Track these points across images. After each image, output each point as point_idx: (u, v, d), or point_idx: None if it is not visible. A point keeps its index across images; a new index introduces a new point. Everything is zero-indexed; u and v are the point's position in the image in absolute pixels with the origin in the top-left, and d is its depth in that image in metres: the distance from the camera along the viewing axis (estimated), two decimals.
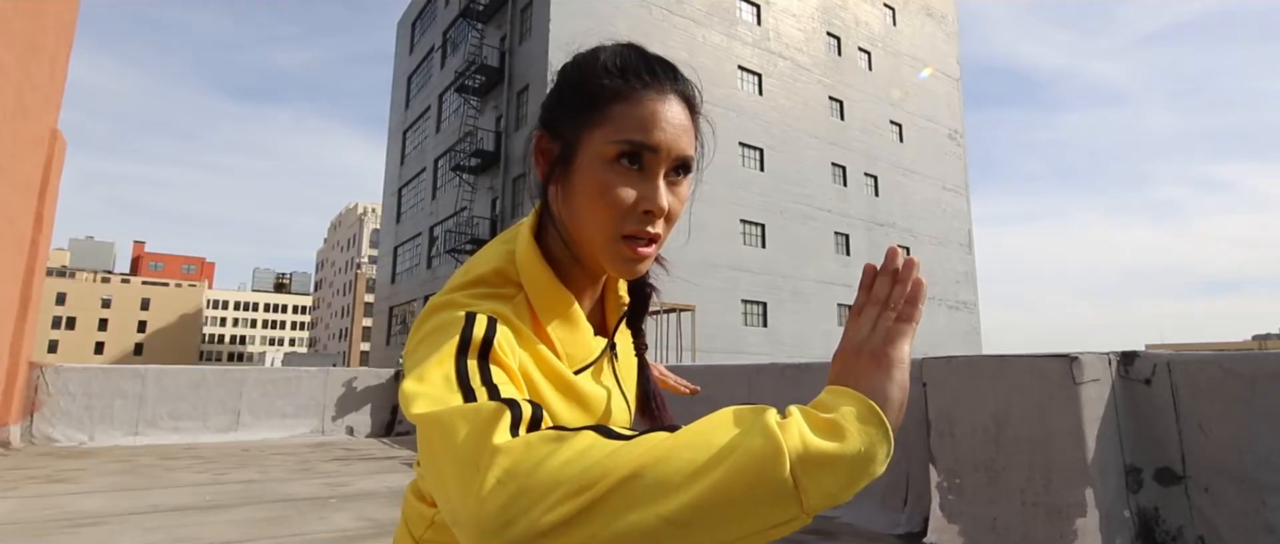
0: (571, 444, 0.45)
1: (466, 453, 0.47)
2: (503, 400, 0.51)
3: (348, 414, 7.87)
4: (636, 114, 0.65)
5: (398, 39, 38.04)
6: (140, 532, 3.23)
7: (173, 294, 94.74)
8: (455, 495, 0.46)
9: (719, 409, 0.49)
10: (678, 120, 0.66)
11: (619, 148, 0.64)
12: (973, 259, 34.17)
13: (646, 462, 0.44)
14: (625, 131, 0.64)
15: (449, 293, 0.67)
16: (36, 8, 6.29)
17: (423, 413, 0.51)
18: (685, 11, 25.43)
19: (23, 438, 6.27)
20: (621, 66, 0.66)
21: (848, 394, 0.50)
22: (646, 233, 0.66)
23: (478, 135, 26.14)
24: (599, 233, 0.66)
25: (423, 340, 0.61)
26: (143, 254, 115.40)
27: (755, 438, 0.44)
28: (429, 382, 0.54)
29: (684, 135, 0.66)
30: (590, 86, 0.67)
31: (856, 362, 0.54)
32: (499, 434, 0.47)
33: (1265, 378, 2.50)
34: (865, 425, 0.47)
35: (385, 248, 35.61)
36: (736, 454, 0.43)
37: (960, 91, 35.80)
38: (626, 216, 0.65)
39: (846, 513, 3.59)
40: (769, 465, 0.43)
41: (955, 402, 3.11)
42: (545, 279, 0.69)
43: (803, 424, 0.46)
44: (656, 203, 0.65)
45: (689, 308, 19.22)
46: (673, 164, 0.66)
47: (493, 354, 0.58)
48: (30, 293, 6.49)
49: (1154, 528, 2.71)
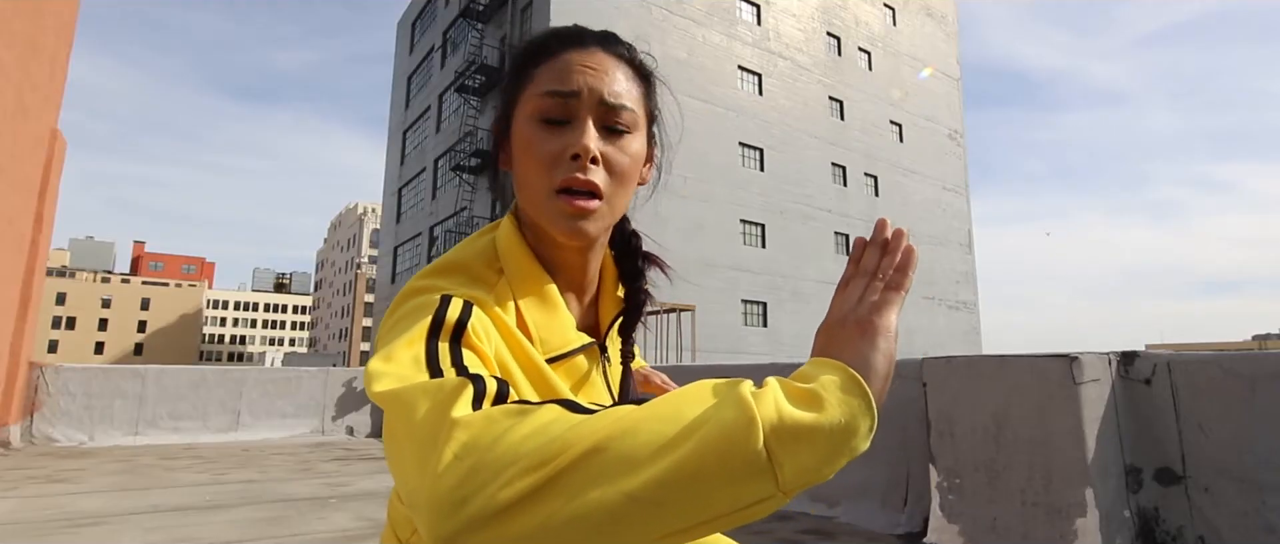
0: (534, 418, 0.43)
1: (426, 429, 0.44)
2: (468, 376, 0.48)
3: (348, 414, 7.88)
4: (556, 68, 0.65)
5: (398, 39, 38.04)
6: (140, 532, 3.23)
7: (173, 294, 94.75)
8: (413, 474, 0.44)
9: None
10: (600, 64, 0.66)
11: (540, 103, 0.64)
12: (973, 259, 34.16)
13: (611, 434, 0.40)
14: (543, 84, 0.64)
15: (426, 277, 0.65)
16: (36, 8, 6.29)
17: (384, 391, 0.49)
18: (685, 11, 25.43)
19: (23, 438, 6.27)
20: (548, 36, 0.68)
21: (829, 364, 0.46)
22: (578, 180, 0.63)
23: (478, 135, 26.15)
24: (535, 193, 0.65)
25: (396, 322, 0.59)
26: (143, 254, 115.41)
27: (727, 409, 0.41)
28: (396, 361, 0.52)
29: (607, 78, 0.65)
30: (519, 58, 0.69)
31: (841, 331, 0.51)
32: (459, 408, 0.44)
33: (1265, 378, 2.50)
34: (846, 396, 0.43)
35: (385, 248, 35.61)
36: (707, 426, 0.40)
37: (960, 91, 35.79)
38: (555, 166, 0.63)
39: (846, 513, 3.60)
40: (741, 437, 0.39)
41: (955, 402, 3.11)
42: (524, 261, 0.68)
43: (779, 394, 0.42)
44: (581, 143, 0.62)
45: (689, 308, 19.23)
46: (601, 111, 0.65)
47: (465, 337, 0.55)
48: (30, 293, 6.49)
49: (1154, 528, 2.71)
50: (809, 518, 3.62)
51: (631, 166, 0.67)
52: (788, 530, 3.37)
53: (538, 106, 0.64)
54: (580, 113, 0.64)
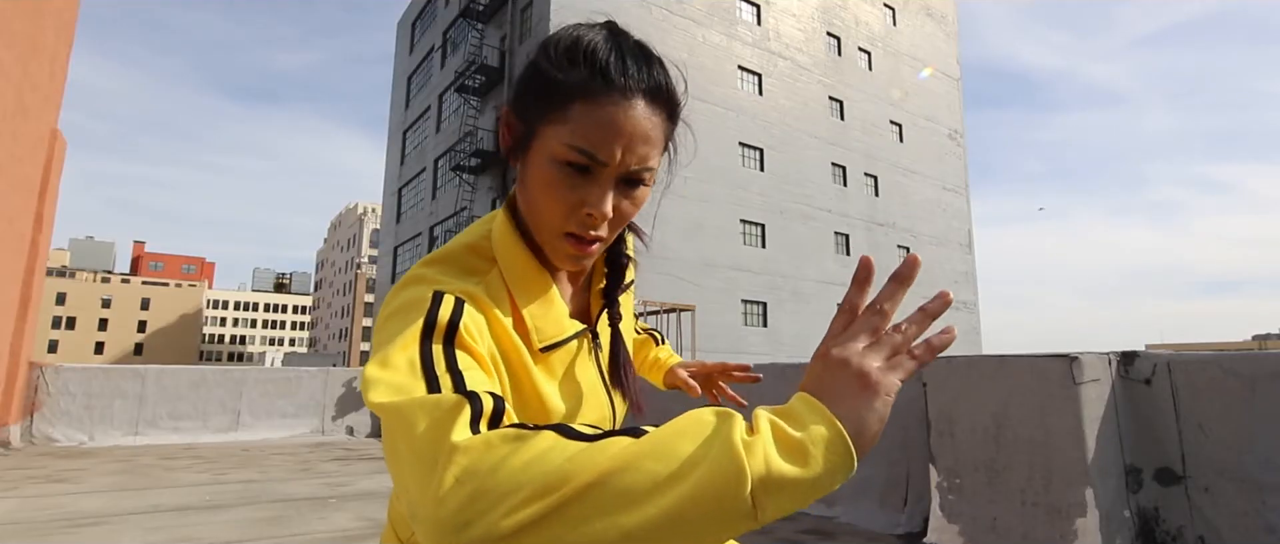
0: (532, 445, 0.44)
1: (424, 447, 0.46)
2: (464, 393, 0.50)
3: (348, 414, 7.87)
4: (595, 118, 0.62)
5: (398, 39, 38.03)
6: (140, 532, 3.23)
7: (173, 294, 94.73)
8: (414, 490, 0.46)
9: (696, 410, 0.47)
10: (638, 129, 0.63)
11: (567, 152, 0.62)
12: (973, 259, 34.16)
13: (610, 470, 0.43)
14: (578, 139, 0.62)
15: (423, 266, 0.66)
16: (36, 8, 6.29)
17: (382, 402, 0.50)
18: (685, 11, 25.43)
19: (23, 438, 6.27)
20: (591, 58, 0.63)
21: (821, 413, 0.46)
22: (588, 235, 0.65)
23: (478, 135, 26.14)
24: (543, 226, 0.66)
25: (389, 317, 0.60)
26: (143, 254, 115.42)
27: (720, 457, 0.43)
28: (393, 367, 0.53)
29: (642, 145, 0.64)
30: (556, 75, 0.64)
31: (841, 375, 0.49)
32: (458, 431, 0.46)
33: (1265, 378, 2.50)
34: (831, 454, 0.44)
35: (385, 248, 35.60)
36: (700, 471, 0.43)
37: (960, 91, 35.79)
38: (569, 217, 0.64)
39: (846, 513, 3.60)
40: (731, 489, 0.42)
41: (955, 402, 3.11)
42: (518, 252, 0.69)
43: (769, 445, 0.44)
44: (600, 209, 0.63)
45: (689, 308, 19.22)
46: (626, 174, 0.64)
47: (458, 338, 0.57)
48: (30, 293, 6.49)
49: (1154, 528, 2.71)
50: (809, 518, 3.62)
51: (635, 211, 0.68)
52: (788, 530, 3.37)
53: (564, 153, 0.63)
54: (603, 175, 0.64)
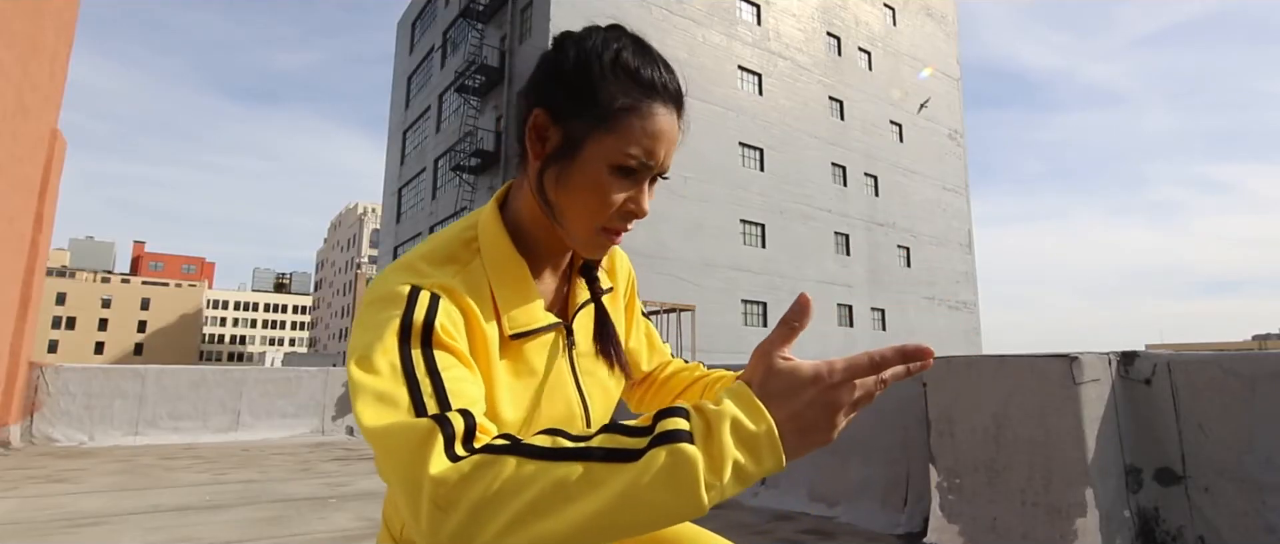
0: (500, 470, 0.50)
1: (405, 473, 0.52)
2: (438, 416, 0.55)
3: (348, 414, 7.87)
4: (649, 130, 0.68)
5: (398, 39, 38.02)
6: (140, 532, 3.23)
7: (173, 294, 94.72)
8: (407, 514, 0.52)
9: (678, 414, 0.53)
10: (675, 134, 0.71)
11: (624, 159, 0.68)
12: (973, 259, 34.16)
13: (581, 526, 0.49)
14: (635, 147, 0.68)
15: (408, 257, 0.71)
16: (36, 8, 6.29)
17: (366, 425, 0.56)
18: (685, 11, 25.43)
19: (23, 438, 6.27)
20: (635, 74, 0.68)
21: (771, 439, 0.52)
22: (624, 228, 0.73)
23: (478, 135, 26.14)
24: (585, 224, 0.71)
25: (369, 305, 0.65)
26: (143, 254, 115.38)
27: (686, 507, 0.50)
28: (376, 371, 0.58)
29: (672, 146, 0.72)
30: (605, 90, 0.68)
31: (804, 396, 0.53)
32: (434, 462, 0.51)
33: (1265, 378, 2.50)
34: (764, 467, 0.52)
35: (385, 248, 35.60)
36: (669, 517, 0.50)
37: (960, 91, 35.79)
38: (614, 214, 0.71)
39: (846, 513, 3.59)
40: (692, 513, 0.50)
41: (955, 402, 3.11)
42: (502, 245, 0.74)
43: (727, 482, 0.50)
44: (643, 208, 0.71)
45: (689, 308, 19.23)
46: (658, 172, 0.72)
47: (435, 337, 0.61)
48: (30, 293, 6.49)
49: (1154, 528, 2.71)
50: (809, 518, 3.62)
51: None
52: (788, 530, 3.37)
53: (619, 161, 0.69)
54: (645, 176, 0.71)
